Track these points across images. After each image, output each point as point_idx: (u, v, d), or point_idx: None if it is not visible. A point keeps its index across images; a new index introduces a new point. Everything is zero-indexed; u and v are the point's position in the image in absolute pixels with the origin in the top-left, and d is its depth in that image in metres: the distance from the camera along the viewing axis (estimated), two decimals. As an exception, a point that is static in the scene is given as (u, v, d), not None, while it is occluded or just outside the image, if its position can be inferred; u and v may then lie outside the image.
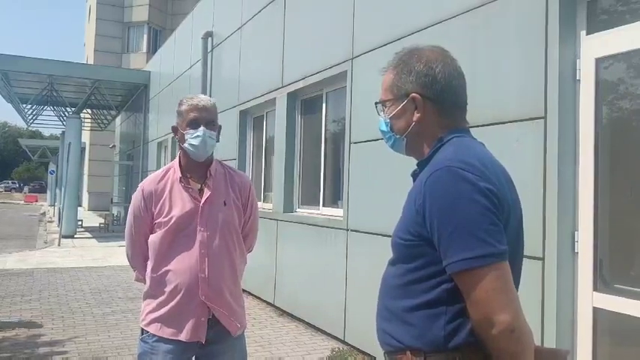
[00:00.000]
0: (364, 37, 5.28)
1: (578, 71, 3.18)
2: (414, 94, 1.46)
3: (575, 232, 3.14)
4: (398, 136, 1.53)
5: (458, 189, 1.28)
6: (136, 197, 2.41)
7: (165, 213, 2.34)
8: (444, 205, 1.29)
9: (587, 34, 3.17)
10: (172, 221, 2.31)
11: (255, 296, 7.42)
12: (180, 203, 2.34)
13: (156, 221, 2.35)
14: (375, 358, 4.80)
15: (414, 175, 1.51)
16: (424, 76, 1.46)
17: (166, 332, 2.29)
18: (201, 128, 2.35)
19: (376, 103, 1.60)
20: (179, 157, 2.46)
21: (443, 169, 1.32)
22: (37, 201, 40.97)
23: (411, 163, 1.55)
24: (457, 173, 1.29)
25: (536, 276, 3.20)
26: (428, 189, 1.32)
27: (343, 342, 5.35)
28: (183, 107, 2.40)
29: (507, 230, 1.32)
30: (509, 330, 1.22)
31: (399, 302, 1.41)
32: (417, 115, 1.47)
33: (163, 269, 2.32)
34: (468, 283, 1.26)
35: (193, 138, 2.34)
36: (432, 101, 1.46)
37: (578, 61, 3.19)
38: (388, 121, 1.54)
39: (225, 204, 2.40)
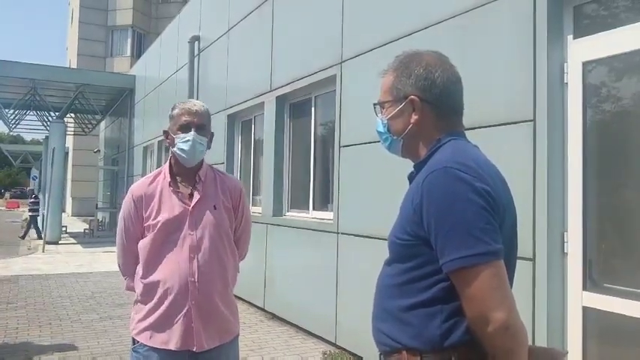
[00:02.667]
0: (353, 41, 5.31)
1: (565, 75, 3.24)
2: (412, 97, 1.49)
3: (565, 233, 3.19)
4: (395, 138, 1.56)
5: (455, 189, 1.31)
6: (126, 202, 2.38)
7: (153, 217, 2.31)
8: (440, 205, 1.32)
9: (574, 38, 3.23)
10: (161, 225, 2.29)
11: (245, 301, 7.39)
12: (169, 207, 2.32)
13: (145, 225, 2.33)
14: (366, 360, 4.82)
15: (411, 177, 1.54)
16: (423, 80, 1.49)
17: (156, 341, 2.25)
18: (192, 132, 2.33)
19: (375, 104, 1.63)
20: (170, 161, 2.44)
21: (440, 170, 1.35)
22: (19, 207, 40.37)
23: (401, 166, 1.58)
24: (454, 174, 1.32)
25: (526, 276, 3.25)
26: (425, 189, 1.35)
27: (335, 345, 5.36)
28: (176, 111, 2.38)
29: (502, 230, 1.35)
30: (504, 327, 1.25)
31: (396, 302, 1.42)
32: (414, 118, 1.50)
33: (152, 274, 2.29)
34: (464, 281, 1.29)
35: (183, 142, 2.32)
36: (429, 104, 1.49)
37: (565, 64, 3.25)
38: (386, 122, 1.57)
39: (215, 208, 2.38)
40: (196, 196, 2.35)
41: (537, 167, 3.26)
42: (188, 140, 2.32)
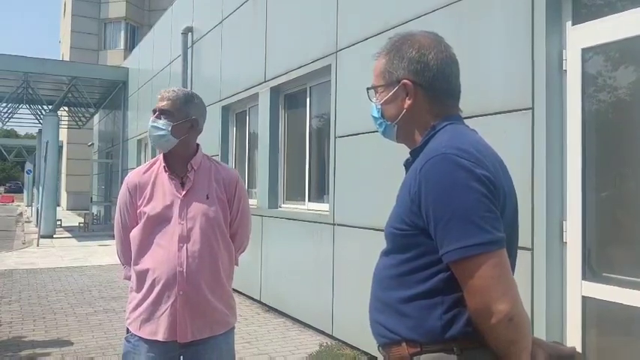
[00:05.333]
0: (348, 30, 5.24)
1: (564, 62, 3.19)
2: (405, 81, 1.44)
3: (564, 222, 3.15)
4: (389, 123, 1.51)
5: (454, 176, 1.26)
6: (122, 191, 2.37)
7: (145, 204, 2.30)
8: (439, 193, 1.27)
9: (573, 24, 3.18)
10: (151, 213, 2.27)
11: (241, 293, 7.35)
12: (160, 195, 2.30)
13: (137, 212, 2.31)
14: (363, 352, 4.79)
15: (407, 164, 1.49)
16: (416, 63, 1.44)
17: (145, 332, 2.23)
18: (151, 118, 2.35)
19: (368, 89, 1.58)
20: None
21: (438, 157, 1.30)
22: (13, 201, 40.21)
23: (397, 156, 1.53)
24: (453, 160, 1.27)
25: (525, 266, 3.21)
26: (423, 177, 1.30)
27: (331, 337, 5.33)
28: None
29: (503, 218, 1.30)
30: (507, 318, 1.21)
31: (394, 293, 1.38)
32: (407, 102, 1.45)
33: (142, 263, 2.27)
34: (466, 272, 1.24)
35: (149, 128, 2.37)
36: (423, 88, 1.44)
37: (564, 51, 3.20)
38: (379, 107, 1.52)
39: (207, 197, 2.34)
40: (187, 185, 2.32)
41: (536, 156, 3.22)
42: (148, 125, 2.35)
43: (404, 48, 1.46)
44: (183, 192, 2.31)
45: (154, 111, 2.36)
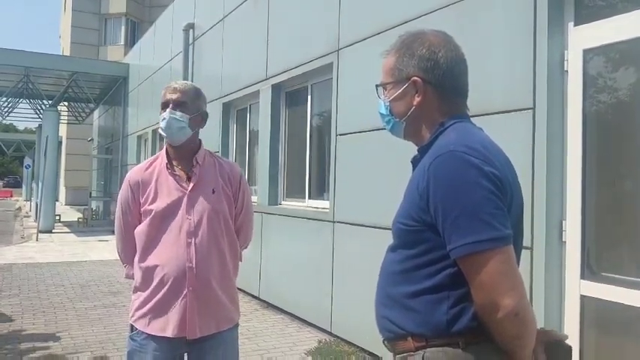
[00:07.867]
0: (351, 28, 5.26)
1: (566, 62, 3.21)
2: (415, 78, 1.46)
3: (563, 222, 3.18)
4: (397, 120, 1.53)
5: (462, 173, 1.28)
6: (123, 189, 2.35)
7: (150, 201, 2.28)
8: (448, 190, 1.29)
9: (575, 25, 3.20)
10: (157, 210, 2.26)
11: (240, 289, 7.35)
12: (166, 191, 2.28)
13: (142, 210, 2.30)
14: (362, 349, 4.81)
15: (415, 161, 1.50)
16: (426, 61, 1.46)
17: (153, 329, 2.23)
18: (167, 110, 2.30)
19: (377, 86, 1.59)
20: (167, 145, 2.41)
21: (447, 154, 1.32)
22: (11, 196, 40.16)
23: (398, 155, 1.56)
24: (461, 158, 1.29)
25: (524, 265, 3.23)
26: (432, 174, 1.32)
27: (330, 334, 5.35)
28: (162, 92, 2.38)
29: (509, 215, 1.32)
30: (513, 313, 1.23)
31: (401, 288, 1.40)
32: (417, 99, 1.47)
33: (149, 260, 2.26)
34: (473, 268, 1.26)
35: (162, 121, 2.31)
36: (433, 86, 1.46)
37: (566, 52, 3.22)
38: (388, 104, 1.53)
39: (213, 192, 2.34)
40: (194, 180, 2.31)
41: (536, 155, 3.24)
42: (164, 119, 2.30)
43: (414, 46, 1.48)
44: (190, 187, 2.30)
45: (167, 103, 2.32)
